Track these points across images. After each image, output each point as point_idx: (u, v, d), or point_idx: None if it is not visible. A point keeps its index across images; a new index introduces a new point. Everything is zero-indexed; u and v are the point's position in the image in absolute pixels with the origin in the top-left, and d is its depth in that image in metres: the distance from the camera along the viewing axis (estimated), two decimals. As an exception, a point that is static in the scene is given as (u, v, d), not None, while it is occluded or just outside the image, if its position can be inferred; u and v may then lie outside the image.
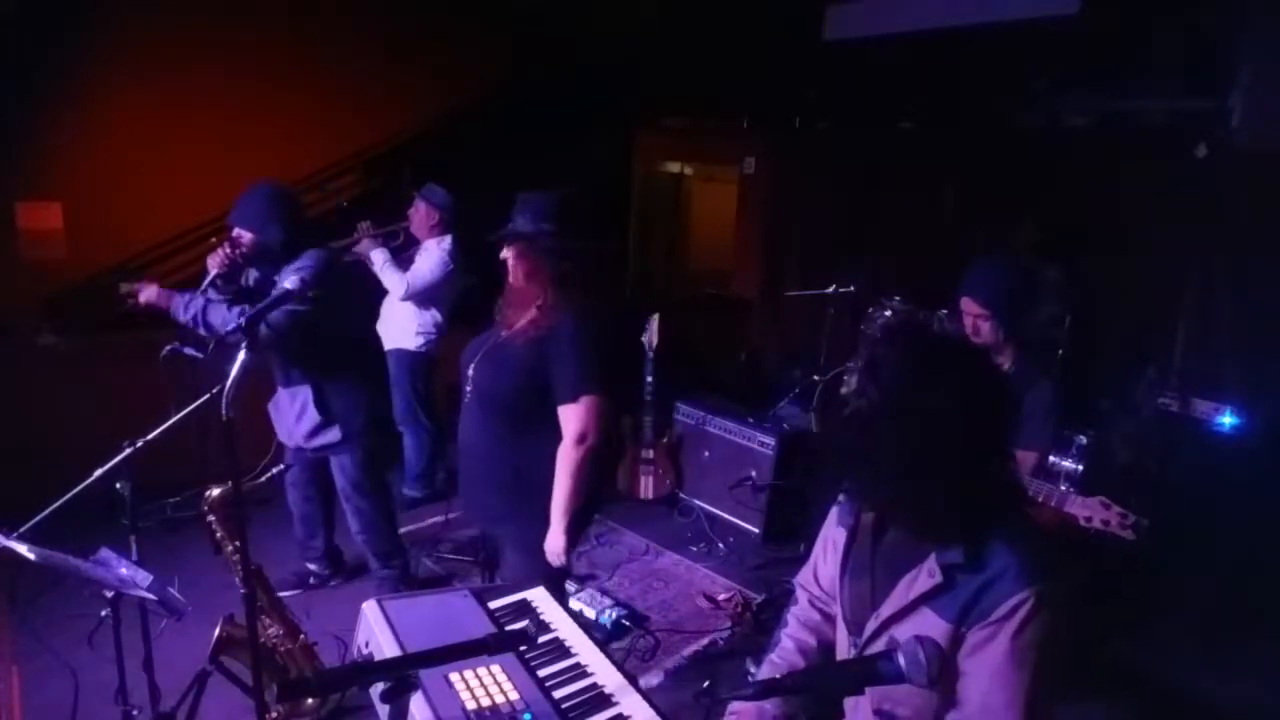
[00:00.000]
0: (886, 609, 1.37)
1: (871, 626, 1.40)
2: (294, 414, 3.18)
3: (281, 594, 2.77)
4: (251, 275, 3.12)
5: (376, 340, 4.13)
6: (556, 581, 2.59)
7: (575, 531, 2.42)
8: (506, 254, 2.35)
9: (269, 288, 2.94)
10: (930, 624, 1.30)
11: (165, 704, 2.38)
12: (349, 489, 3.33)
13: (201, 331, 2.95)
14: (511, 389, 2.32)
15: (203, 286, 2.97)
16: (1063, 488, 2.29)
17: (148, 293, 3.01)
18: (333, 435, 3.19)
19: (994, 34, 5.09)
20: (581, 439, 2.31)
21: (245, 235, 3.00)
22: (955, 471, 1.25)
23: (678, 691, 2.97)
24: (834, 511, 1.64)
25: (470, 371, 2.41)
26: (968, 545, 1.29)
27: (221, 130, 5.13)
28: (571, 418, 2.31)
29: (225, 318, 2.89)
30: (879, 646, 1.38)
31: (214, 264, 2.97)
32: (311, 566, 3.61)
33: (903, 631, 1.34)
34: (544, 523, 2.37)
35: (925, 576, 1.32)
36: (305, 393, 3.14)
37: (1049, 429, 2.49)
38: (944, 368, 1.30)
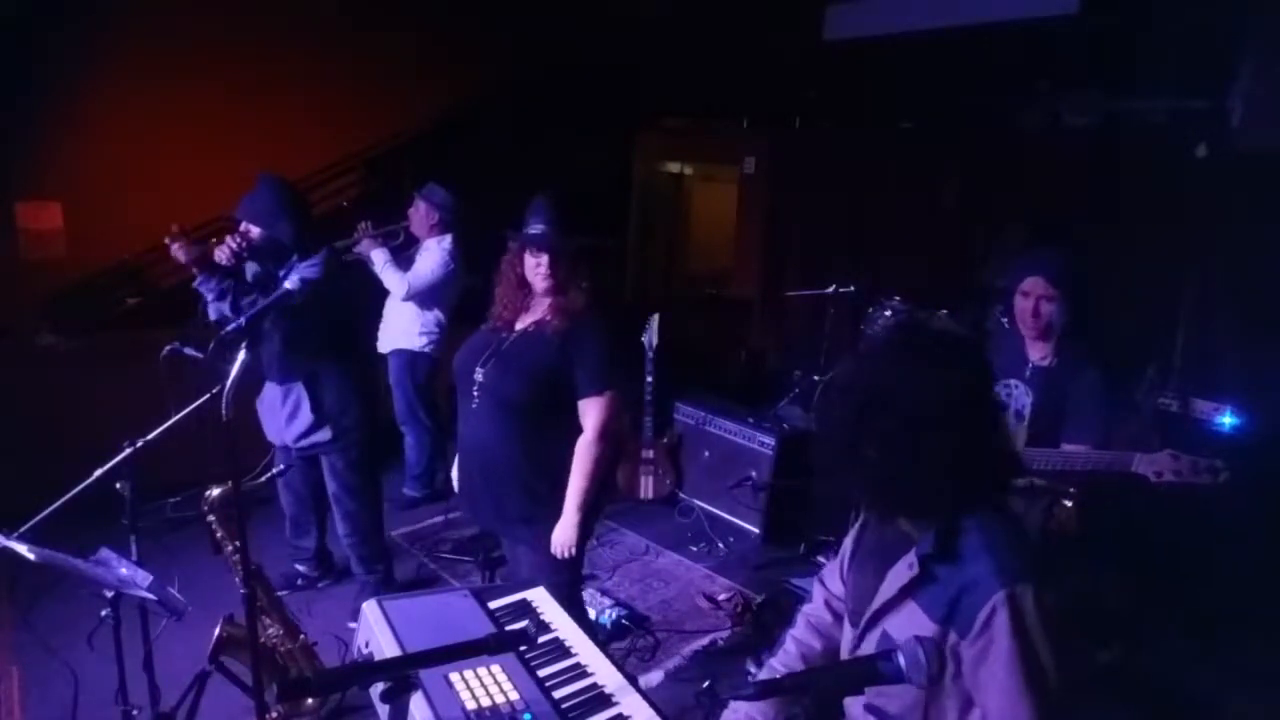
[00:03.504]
0: (877, 600, 1.38)
1: (866, 617, 1.41)
2: (286, 413, 3.15)
3: (271, 593, 2.77)
4: (250, 270, 3.10)
5: (370, 342, 4.12)
6: (573, 583, 2.59)
7: (588, 526, 2.44)
8: (538, 259, 2.34)
9: (270, 283, 2.93)
10: (918, 620, 1.31)
11: (165, 704, 2.38)
12: (340, 491, 3.29)
13: (227, 313, 2.92)
14: (533, 388, 2.33)
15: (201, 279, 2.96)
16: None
17: (188, 254, 2.93)
18: (323, 435, 3.15)
19: (994, 34, 5.10)
20: (604, 432, 2.37)
21: (254, 230, 2.98)
22: (912, 454, 1.24)
23: (678, 691, 2.98)
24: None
25: (479, 376, 2.39)
26: (937, 534, 1.29)
27: (221, 130, 5.14)
28: (595, 411, 2.36)
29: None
30: (872, 638, 1.39)
31: (221, 257, 2.92)
32: (300, 568, 3.59)
33: (893, 624, 1.35)
34: (549, 522, 2.40)
35: (905, 568, 1.33)
36: (298, 390, 3.11)
37: (1099, 419, 2.42)
38: (917, 351, 1.31)
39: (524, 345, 2.38)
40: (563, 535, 2.39)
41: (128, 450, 2.28)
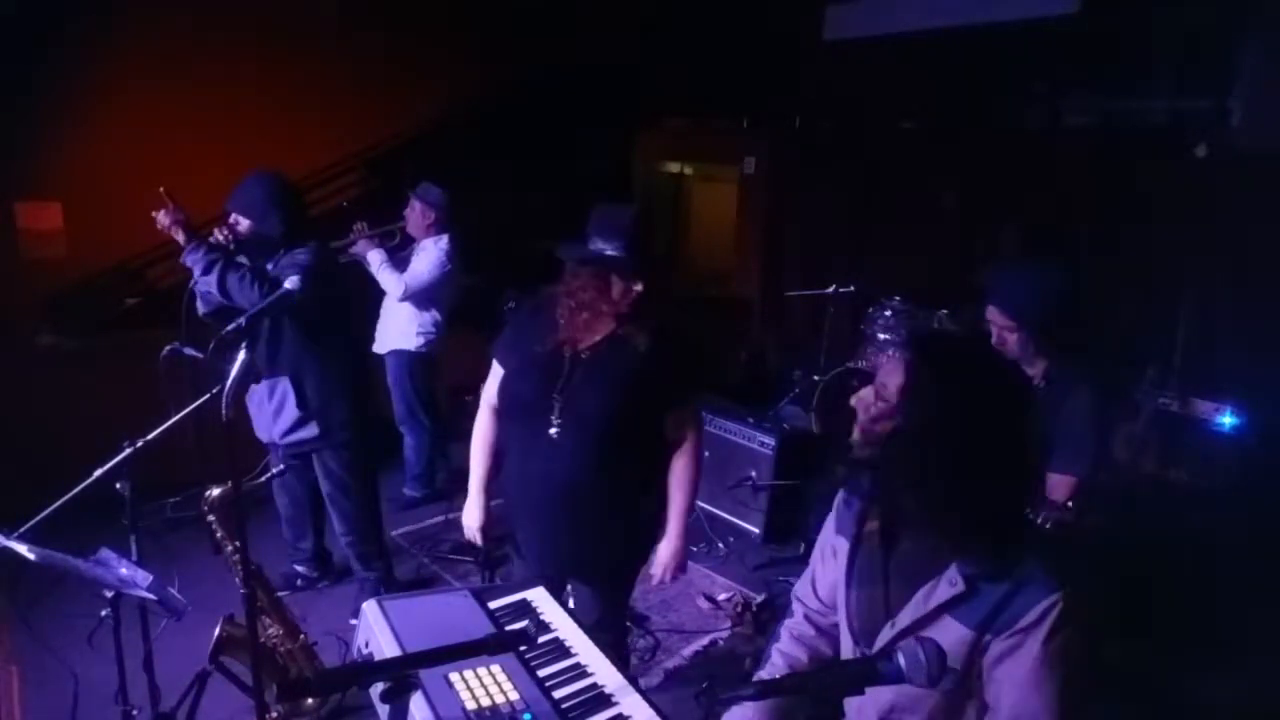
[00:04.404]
0: (905, 618, 1.35)
1: (887, 635, 1.38)
2: (272, 408, 3.12)
3: (271, 594, 2.77)
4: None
5: (363, 340, 4.10)
6: (624, 616, 2.61)
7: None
8: (629, 284, 2.15)
9: (260, 276, 2.91)
10: (952, 631, 1.29)
11: (165, 704, 2.38)
12: (334, 491, 3.26)
13: (213, 289, 2.88)
14: (626, 399, 2.16)
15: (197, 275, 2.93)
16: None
17: (172, 217, 2.91)
18: (310, 431, 3.11)
19: (994, 34, 5.10)
20: (700, 440, 2.35)
21: (243, 222, 2.97)
22: (989, 486, 1.25)
23: (678, 691, 2.98)
24: (830, 520, 1.62)
25: (558, 400, 2.16)
26: (995, 557, 1.28)
27: (222, 130, 5.13)
28: (693, 422, 2.34)
29: (246, 287, 2.82)
30: None
31: None
32: (299, 569, 3.58)
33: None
34: (635, 556, 2.40)
35: (946, 586, 1.31)
36: (284, 385, 3.08)
37: (1087, 448, 2.23)
38: (976, 384, 1.29)
39: (608, 358, 2.18)
40: (670, 556, 2.36)
41: (128, 450, 2.28)
